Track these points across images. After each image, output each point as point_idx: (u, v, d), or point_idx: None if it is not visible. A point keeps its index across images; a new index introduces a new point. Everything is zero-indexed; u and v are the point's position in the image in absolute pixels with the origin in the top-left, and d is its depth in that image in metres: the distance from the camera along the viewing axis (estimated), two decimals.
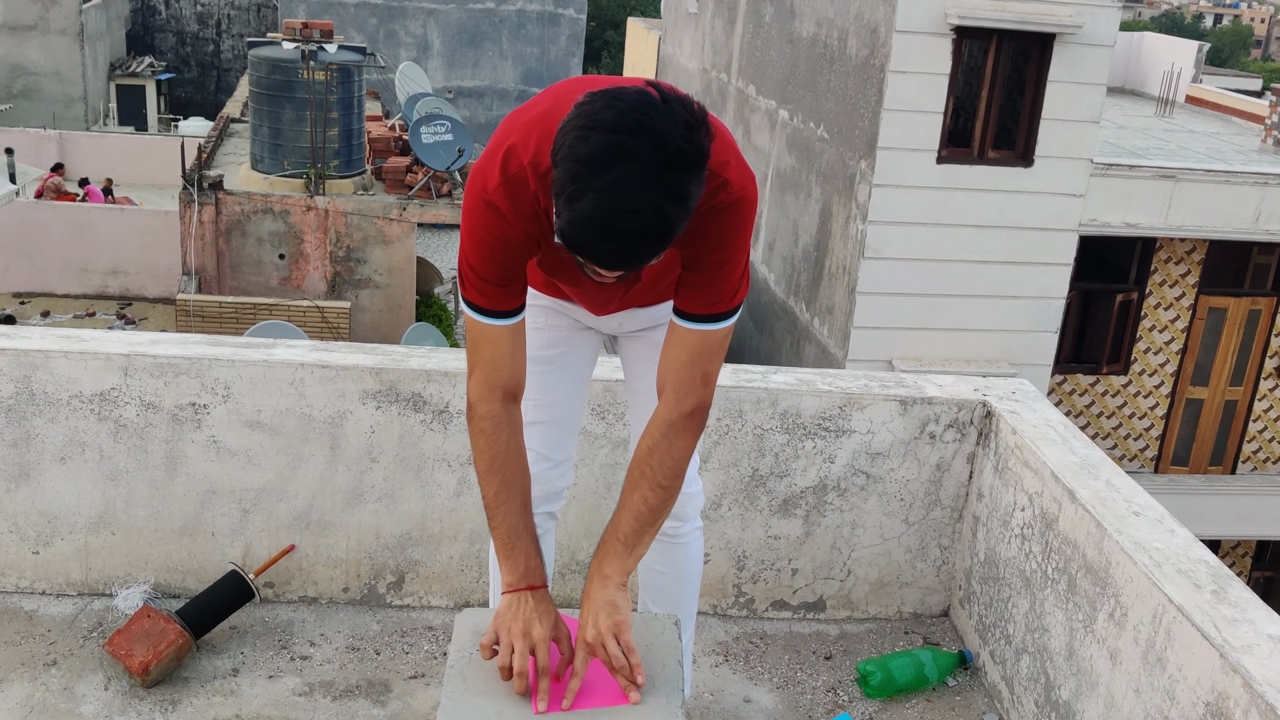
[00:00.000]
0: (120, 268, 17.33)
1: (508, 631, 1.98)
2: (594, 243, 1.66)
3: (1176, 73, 16.15)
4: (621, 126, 1.63)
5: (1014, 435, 3.06)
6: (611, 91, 1.68)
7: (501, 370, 2.03)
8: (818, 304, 12.01)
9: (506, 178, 1.88)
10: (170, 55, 31.89)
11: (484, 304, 1.99)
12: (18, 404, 3.01)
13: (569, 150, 1.66)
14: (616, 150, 1.61)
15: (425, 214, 15.13)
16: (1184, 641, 2.23)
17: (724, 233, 1.92)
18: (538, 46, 30.59)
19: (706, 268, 1.96)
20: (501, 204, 1.89)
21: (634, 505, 2.04)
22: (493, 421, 2.03)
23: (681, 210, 1.66)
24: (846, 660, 3.19)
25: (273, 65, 15.09)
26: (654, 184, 1.62)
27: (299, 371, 3.05)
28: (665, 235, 1.67)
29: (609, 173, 1.61)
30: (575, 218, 1.65)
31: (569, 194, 1.65)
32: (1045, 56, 10.44)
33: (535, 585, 2.03)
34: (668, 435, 2.03)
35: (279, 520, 3.16)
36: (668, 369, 2.03)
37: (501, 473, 2.04)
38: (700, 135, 1.67)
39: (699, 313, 2.00)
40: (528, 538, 2.05)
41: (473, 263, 1.96)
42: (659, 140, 1.62)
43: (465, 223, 1.96)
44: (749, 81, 14.54)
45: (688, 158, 1.65)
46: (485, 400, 2.03)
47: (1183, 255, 12.02)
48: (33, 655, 2.92)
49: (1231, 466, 12.87)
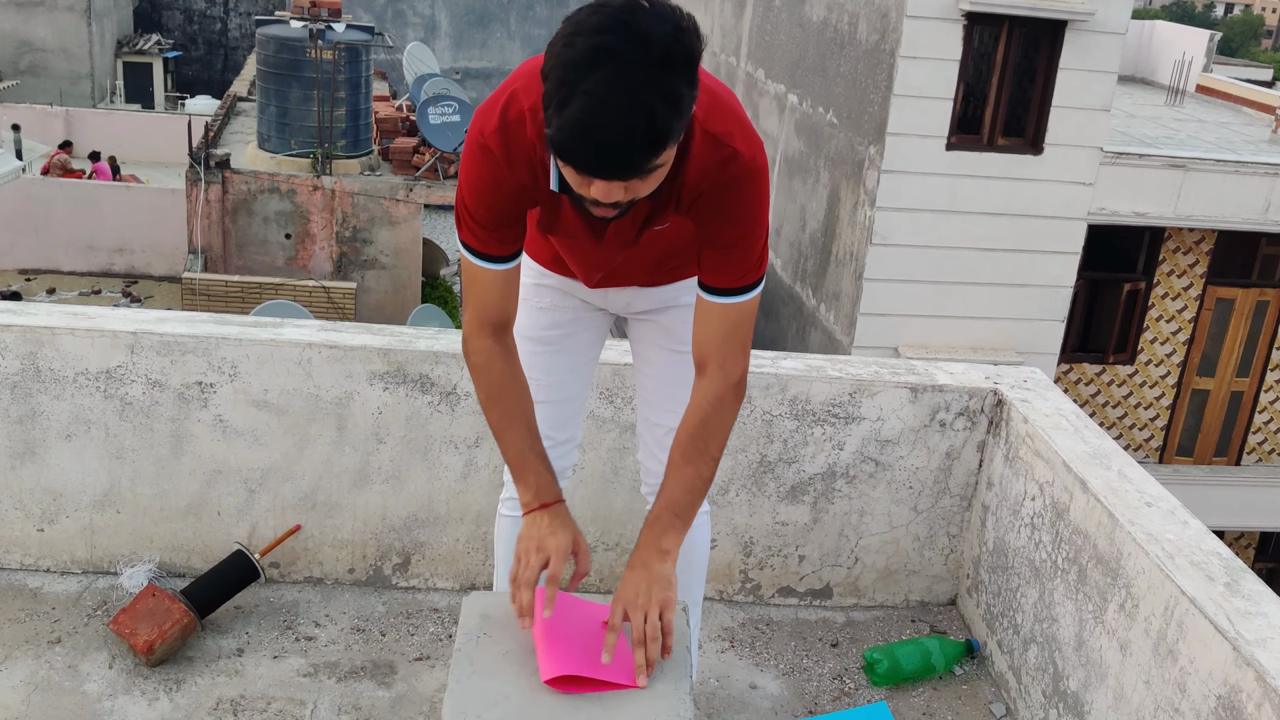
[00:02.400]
0: (126, 245, 17.31)
1: (525, 550, 2.01)
2: (584, 146, 1.63)
3: (1187, 62, 16.06)
4: (606, 27, 1.61)
5: (1025, 424, 3.04)
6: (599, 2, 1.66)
7: (491, 309, 2.05)
8: (824, 290, 11.98)
9: (504, 122, 1.87)
10: (177, 33, 31.82)
11: (477, 246, 2.01)
12: (23, 381, 3.00)
13: (557, 58, 1.64)
14: (602, 50, 1.59)
15: (432, 195, 15.11)
16: (1196, 634, 2.22)
17: (742, 206, 1.91)
18: (545, 28, 30.48)
19: (729, 244, 1.95)
20: (496, 149, 1.88)
21: (688, 478, 2.05)
22: (485, 355, 2.07)
23: (672, 112, 1.63)
24: (853, 648, 3.18)
25: (280, 44, 15.05)
26: (642, 82, 1.59)
27: (306, 351, 3.03)
28: (656, 137, 1.63)
29: (596, 74, 1.59)
30: (565, 123, 1.61)
31: (557, 100, 1.62)
32: (1056, 44, 10.38)
33: (548, 502, 2.06)
34: (719, 408, 2.04)
35: (285, 500, 3.14)
36: (706, 345, 2.04)
37: (500, 401, 2.08)
38: (689, 37, 1.64)
39: (728, 287, 1.99)
40: (534, 458, 2.08)
41: (468, 203, 1.96)
42: (645, 39, 1.60)
43: (463, 163, 1.96)
44: (758, 65, 14.48)
45: (675, 56, 1.62)
46: (476, 335, 2.07)
47: (1191, 245, 11.97)
48: (37, 633, 2.91)
49: (1236, 458, 12.85)
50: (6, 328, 2.96)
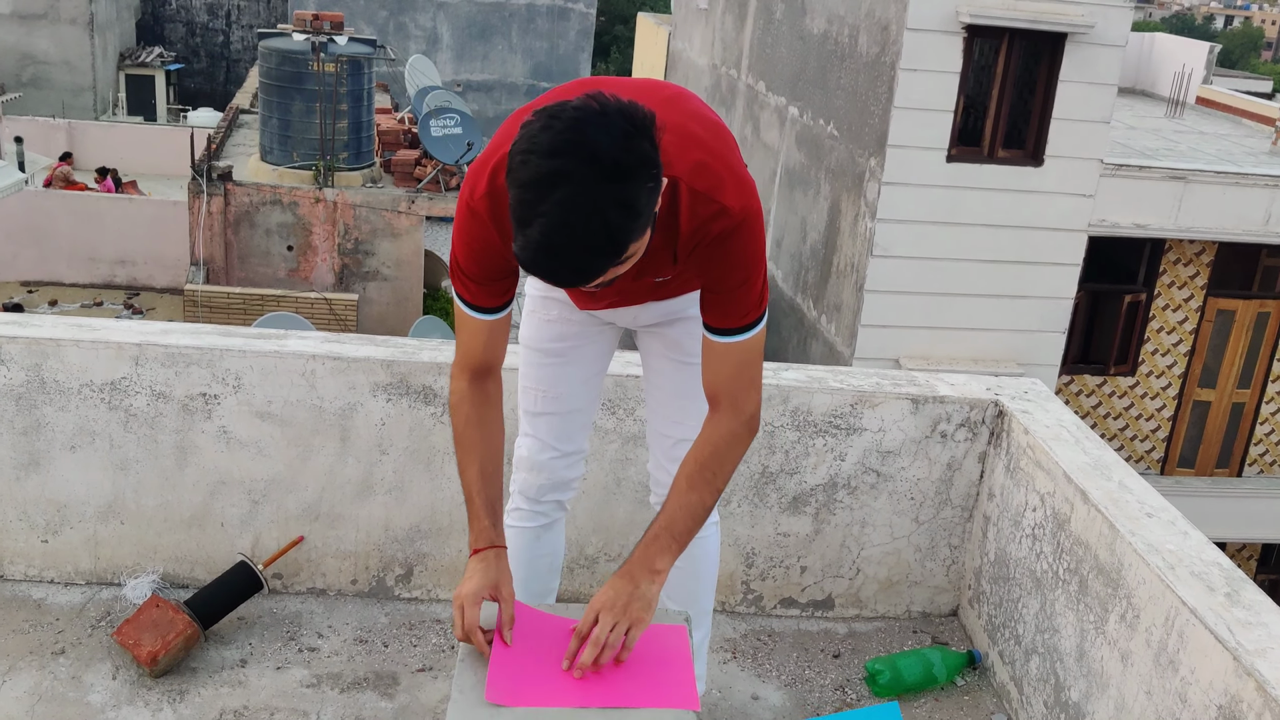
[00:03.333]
0: (128, 257, 17.33)
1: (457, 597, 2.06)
2: (547, 265, 1.69)
3: (1187, 74, 16.10)
4: (556, 149, 1.65)
5: (1026, 435, 3.05)
6: (550, 109, 1.69)
7: (474, 354, 2.13)
8: (825, 301, 11.99)
9: (493, 188, 1.91)
10: (180, 46, 31.90)
11: (468, 298, 2.08)
12: (28, 392, 3.01)
13: (514, 176, 1.69)
14: (555, 174, 1.64)
15: (434, 207, 15.13)
16: (1197, 644, 2.22)
17: (736, 256, 1.95)
18: (547, 41, 30.57)
19: (728, 289, 1.99)
20: (484, 213, 1.94)
21: (692, 505, 2.07)
22: (459, 396, 2.16)
23: (629, 217, 1.68)
24: (855, 659, 3.19)
25: (283, 56, 15.08)
26: (595, 199, 1.64)
27: (310, 363, 3.05)
28: (616, 245, 1.68)
29: (551, 196, 1.64)
30: (527, 243, 1.68)
31: (518, 219, 1.68)
32: (1056, 56, 10.41)
33: (480, 548, 2.11)
34: (731, 444, 2.08)
35: (288, 511, 3.15)
36: (718, 383, 2.07)
37: (463, 442, 2.17)
38: (640, 140, 1.67)
39: (731, 327, 2.03)
40: (479, 501, 2.14)
41: (459, 259, 2.03)
42: (593, 156, 1.64)
43: (455, 221, 2.03)
44: (759, 78, 14.51)
45: (626, 167, 1.66)
46: (456, 378, 2.16)
47: (1192, 257, 11.98)
48: (41, 644, 2.92)
49: (1238, 469, 12.84)
50: (12, 339, 2.98)
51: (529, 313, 2.36)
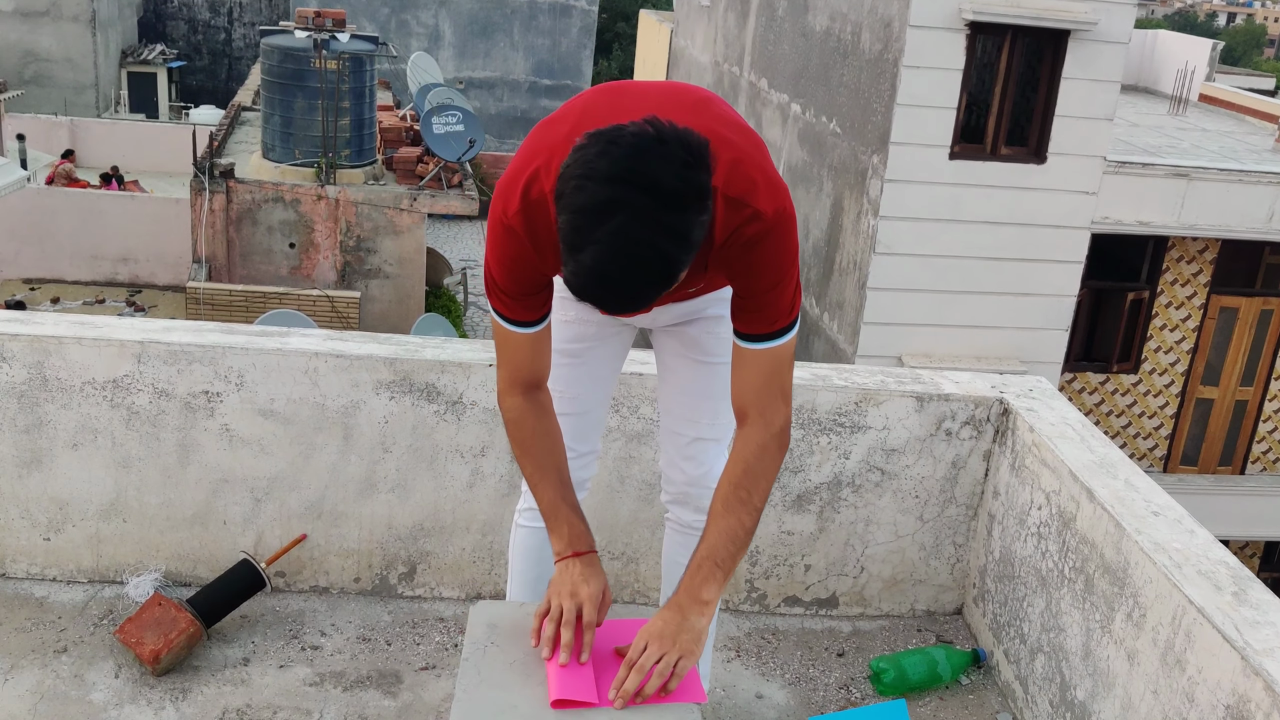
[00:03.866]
0: (130, 255, 17.33)
1: (556, 594, 2.06)
2: (600, 292, 1.69)
3: (1190, 71, 16.08)
4: (616, 176, 1.64)
5: (1031, 433, 3.04)
6: (608, 135, 1.68)
7: (522, 369, 2.11)
8: (828, 299, 11.98)
9: (527, 203, 1.89)
10: (182, 43, 31.89)
11: (506, 313, 2.05)
12: (30, 390, 3.00)
13: (568, 201, 1.68)
14: (612, 201, 1.63)
15: (436, 205, 15.13)
16: (1204, 643, 2.21)
17: (768, 260, 1.92)
18: (549, 38, 30.56)
19: (759, 292, 1.96)
20: (520, 229, 1.92)
21: (730, 528, 2.04)
22: (517, 412, 2.13)
23: (684, 247, 1.68)
24: (859, 657, 3.18)
25: (285, 54, 15.08)
26: (652, 229, 1.64)
27: (313, 361, 3.04)
28: (670, 275, 1.69)
29: (607, 223, 1.63)
30: (580, 269, 1.67)
31: (571, 245, 1.67)
32: (1059, 53, 10.40)
33: (581, 551, 2.10)
34: (762, 458, 2.05)
35: (291, 509, 3.15)
36: (747, 394, 2.05)
37: (533, 455, 2.14)
38: (698, 171, 1.67)
39: (762, 332, 2.00)
40: (567, 508, 2.13)
41: (495, 276, 2.01)
42: (654, 185, 1.63)
43: (489, 236, 1.99)
44: (761, 75, 14.50)
45: (684, 197, 1.65)
46: (509, 394, 2.13)
47: (1195, 254, 11.97)
48: (43, 642, 2.91)
49: (1241, 467, 12.83)
50: (14, 337, 2.97)
51: None
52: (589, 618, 2.03)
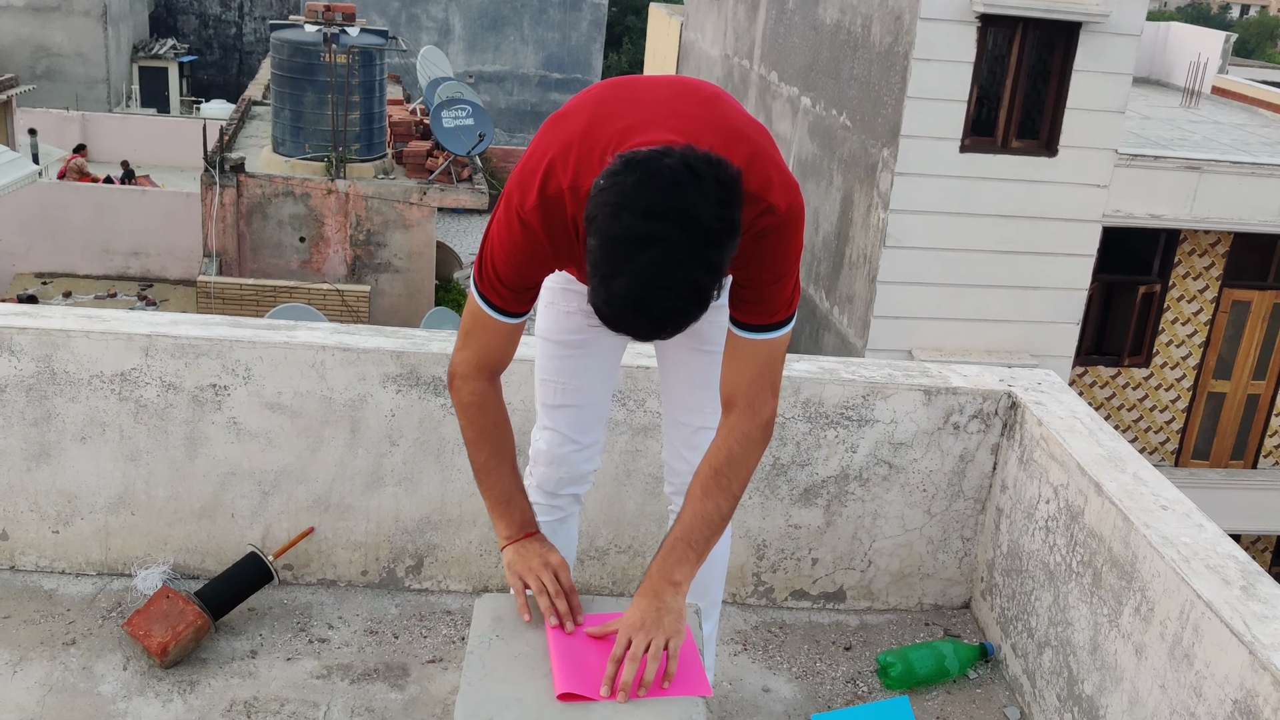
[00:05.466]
0: (141, 249, 17.37)
1: (528, 570, 2.10)
2: (630, 321, 1.71)
3: (1202, 63, 15.99)
4: (654, 211, 1.64)
5: (1040, 427, 3.03)
6: (645, 165, 1.68)
7: (494, 355, 2.12)
8: (838, 293, 11.96)
9: (544, 198, 1.89)
10: (193, 38, 31.95)
11: (495, 301, 2.05)
12: (39, 383, 3.01)
13: (602, 227, 1.68)
14: (650, 236, 1.64)
15: (445, 198, 15.14)
16: (1212, 638, 2.20)
17: (775, 253, 1.93)
18: (559, 31, 30.53)
19: (762, 284, 1.97)
20: (535, 223, 1.91)
21: (707, 513, 2.06)
22: (480, 396, 2.14)
23: (715, 279, 1.70)
24: (866, 651, 3.17)
25: (294, 48, 15.10)
26: (687, 265, 1.65)
27: (320, 354, 3.04)
28: (700, 306, 1.70)
29: (642, 255, 1.64)
30: (611, 297, 1.68)
31: (603, 273, 1.68)
32: (1071, 46, 10.34)
33: (533, 533, 2.16)
34: (745, 448, 2.06)
35: (298, 503, 3.15)
36: (737, 383, 2.06)
37: (490, 441, 2.16)
38: (732, 210, 1.68)
39: (760, 323, 2.01)
40: (520, 494, 2.18)
41: (496, 264, 2.00)
42: (691, 222, 1.64)
43: (497, 227, 1.98)
44: (771, 68, 14.47)
45: (720, 235, 1.67)
46: (473, 378, 2.13)
47: (1207, 248, 11.91)
48: (52, 634, 2.92)
49: (1253, 461, 12.77)
50: (22, 330, 2.98)
51: (547, 305, 2.33)
52: (568, 583, 2.10)
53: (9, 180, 13.11)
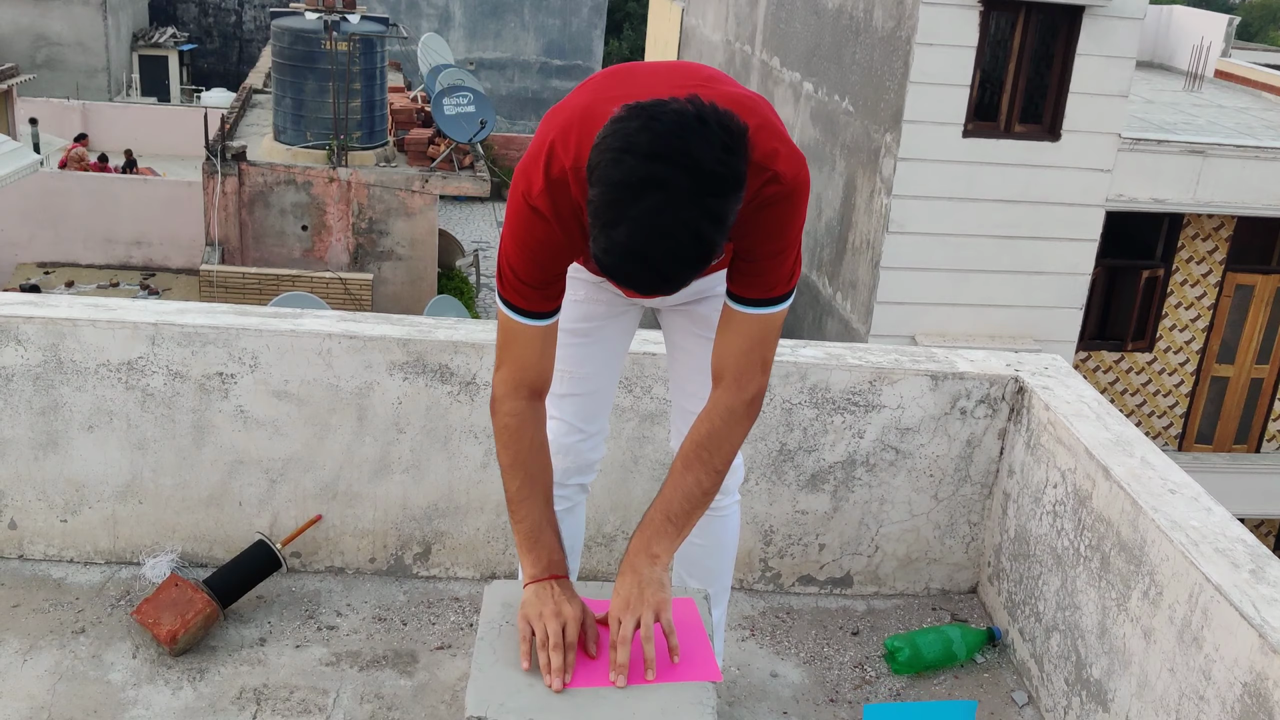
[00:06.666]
0: (144, 238, 17.36)
1: (539, 616, 1.98)
2: (631, 270, 1.66)
3: (1206, 47, 15.93)
4: (657, 153, 1.60)
5: (1047, 411, 3.03)
6: (649, 110, 1.64)
7: (530, 369, 2.03)
8: (840, 279, 11.94)
9: (550, 181, 1.86)
10: (192, 26, 31.87)
11: (522, 304, 1.99)
12: (45, 372, 3.01)
13: (604, 174, 1.64)
14: (651, 178, 1.60)
15: (447, 186, 15.11)
16: (1221, 621, 2.21)
17: (777, 224, 1.90)
18: (559, 18, 30.46)
19: (763, 257, 1.94)
20: (545, 209, 1.88)
21: (687, 487, 2.03)
22: (517, 419, 2.04)
23: (719, 231, 1.65)
24: (874, 636, 3.18)
25: (295, 36, 15.06)
26: (689, 210, 1.61)
27: (326, 342, 3.04)
28: (703, 258, 1.65)
29: (644, 201, 1.60)
30: (612, 246, 1.64)
31: (605, 220, 1.63)
32: (1074, 29, 10.31)
33: (559, 575, 2.03)
34: (729, 422, 2.02)
35: (306, 490, 3.15)
36: (727, 356, 2.02)
37: (525, 469, 2.05)
38: (737, 157, 1.65)
39: (757, 297, 1.98)
40: (550, 531, 2.05)
41: (514, 264, 1.95)
42: (694, 166, 1.60)
43: (509, 224, 1.94)
44: (773, 53, 14.43)
45: (724, 181, 1.63)
46: (510, 397, 2.04)
47: (1210, 232, 11.89)
48: (61, 623, 2.93)
49: (1256, 445, 12.77)
50: (29, 319, 2.98)
51: None
52: (571, 638, 1.96)
53: (10, 170, 13.10)
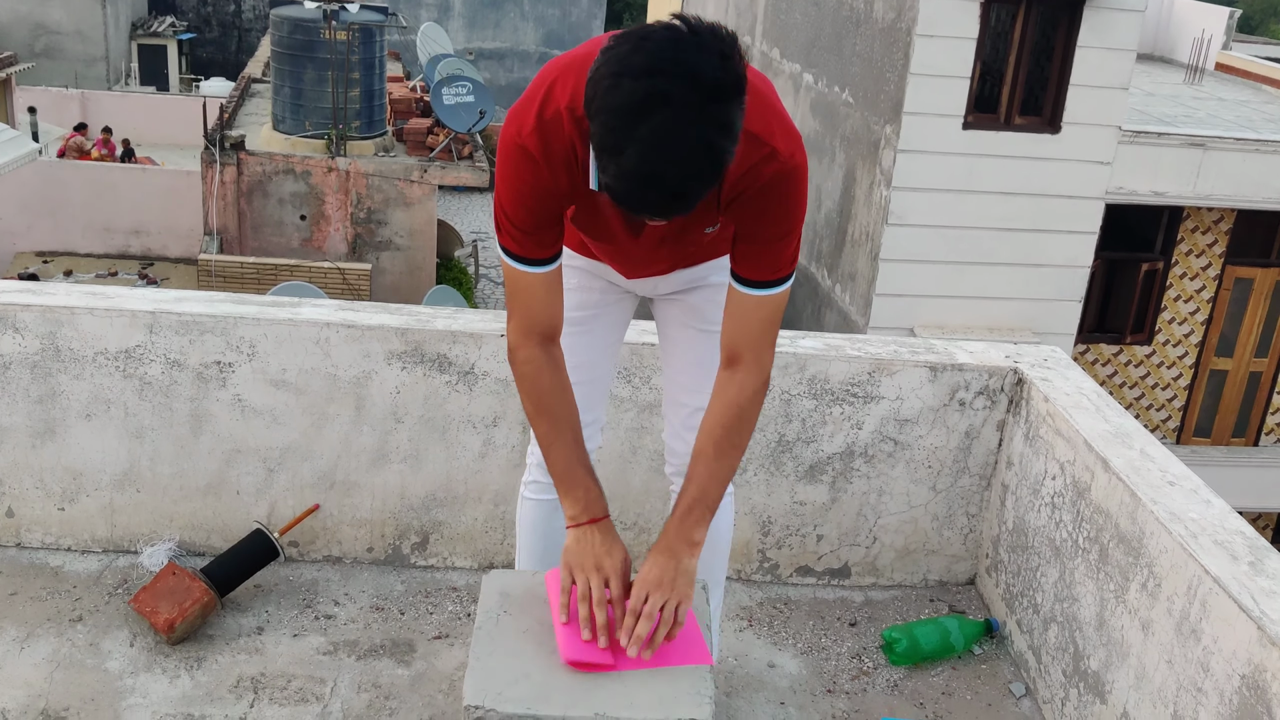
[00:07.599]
0: (142, 227, 17.33)
1: (580, 567, 1.99)
2: (646, 194, 1.61)
3: (1206, 39, 15.91)
4: (654, 68, 1.56)
5: (1046, 403, 3.02)
6: (638, 32, 1.62)
7: (538, 316, 2.02)
8: (840, 270, 11.93)
9: (541, 121, 1.83)
10: (191, 15, 31.78)
11: (518, 250, 1.97)
12: (43, 360, 3.00)
13: (603, 101, 1.60)
14: (652, 95, 1.56)
15: (446, 176, 15.08)
16: (1220, 613, 2.20)
17: (781, 206, 1.90)
18: (559, 8, 30.39)
19: (767, 239, 1.94)
20: (535, 149, 1.85)
21: (721, 473, 2.04)
22: (533, 365, 2.04)
23: (729, 139, 1.61)
24: (871, 627, 3.18)
25: (294, 25, 15.01)
26: (698, 122, 1.57)
27: (324, 331, 3.03)
28: (717, 169, 1.62)
29: (649, 120, 1.56)
30: (622, 171, 1.59)
31: (610, 148, 1.59)
32: (1074, 21, 10.29)
33: (597, 517, 2.03)
34: (755, 401, 2.04)
35: (304, 479, 3.15)
36: (740, 338, 2.02)
37: (549, 412, 2.06)
38: (735, 62, 1.61)
39: (763, 279, 1.98)
40: (582, 470, 2.06)
41: (506, 208, 1.93)
42: (694, 75, 1.56)
43: (499, 167, 1.92)
44: (773, 44, 14.40)
45: (726, 87, 1.59)
46: (523, 345, 2.04)
47: (1210, 225, 11.88)
48: (59, 611, 2.93)
49: (1254, 438, 12.78)
50: (26, 308, 2.97)
51: None
52: (615, 593, 1.98)
53: (9, 159, 13.07)
